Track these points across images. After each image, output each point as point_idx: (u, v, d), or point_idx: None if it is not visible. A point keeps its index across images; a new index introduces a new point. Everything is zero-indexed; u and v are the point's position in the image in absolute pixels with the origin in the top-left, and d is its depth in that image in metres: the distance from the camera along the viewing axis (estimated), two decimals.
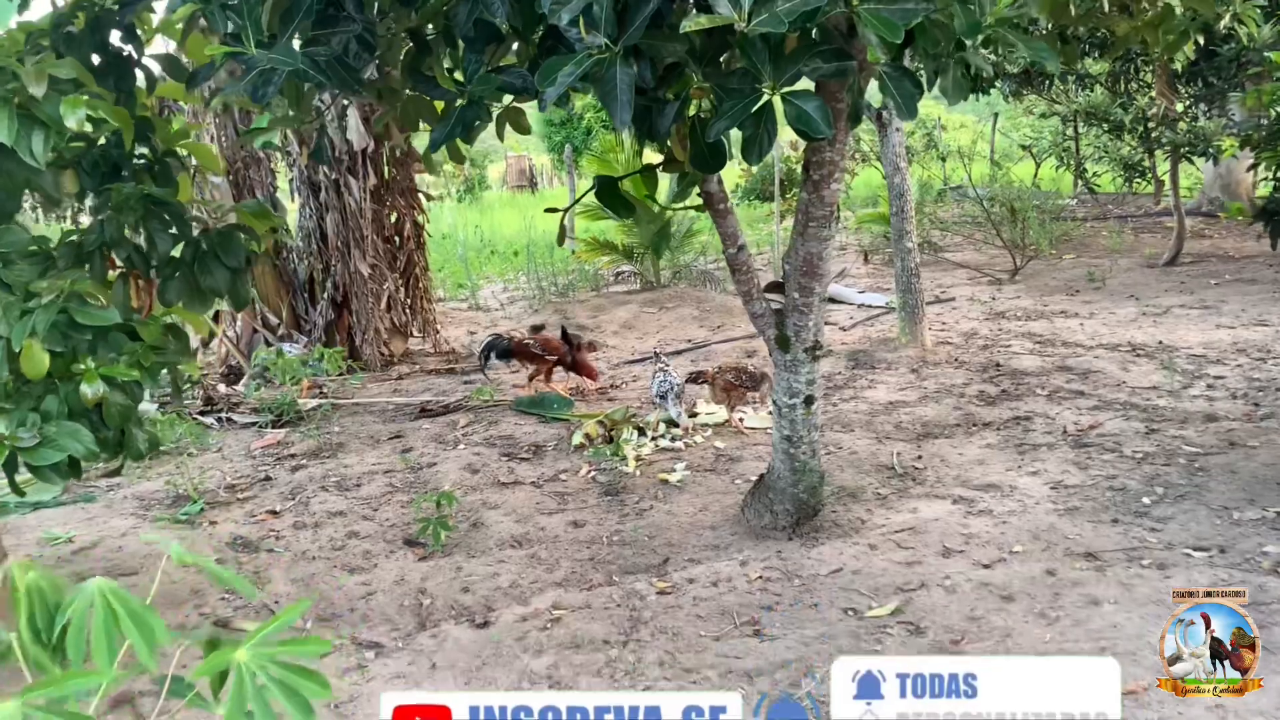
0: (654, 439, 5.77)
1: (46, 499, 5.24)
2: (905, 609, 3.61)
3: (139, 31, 3.55)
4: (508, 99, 3.80)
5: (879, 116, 7.34)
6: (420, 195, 8.89)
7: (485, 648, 3.54)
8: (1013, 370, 6.92)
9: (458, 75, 3.27)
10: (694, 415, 6.16)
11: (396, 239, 8.68)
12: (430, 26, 3.34)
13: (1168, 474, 4.76)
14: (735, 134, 2.84)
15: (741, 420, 5.98)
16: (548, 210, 3.89)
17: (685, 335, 9.28)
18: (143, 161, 3.83)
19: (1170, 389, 6.19)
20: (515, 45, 3.41)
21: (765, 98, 2.59)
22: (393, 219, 8.59)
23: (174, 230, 3.60)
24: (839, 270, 12.17)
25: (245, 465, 5.99)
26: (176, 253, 3.68)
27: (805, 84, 2.87)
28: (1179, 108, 10.44)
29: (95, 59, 3.48)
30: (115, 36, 3.50)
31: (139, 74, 3.68)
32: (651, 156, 4.87)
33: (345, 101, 6.93)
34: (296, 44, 2.78)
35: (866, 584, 3.83)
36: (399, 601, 4.02)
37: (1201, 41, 7.59)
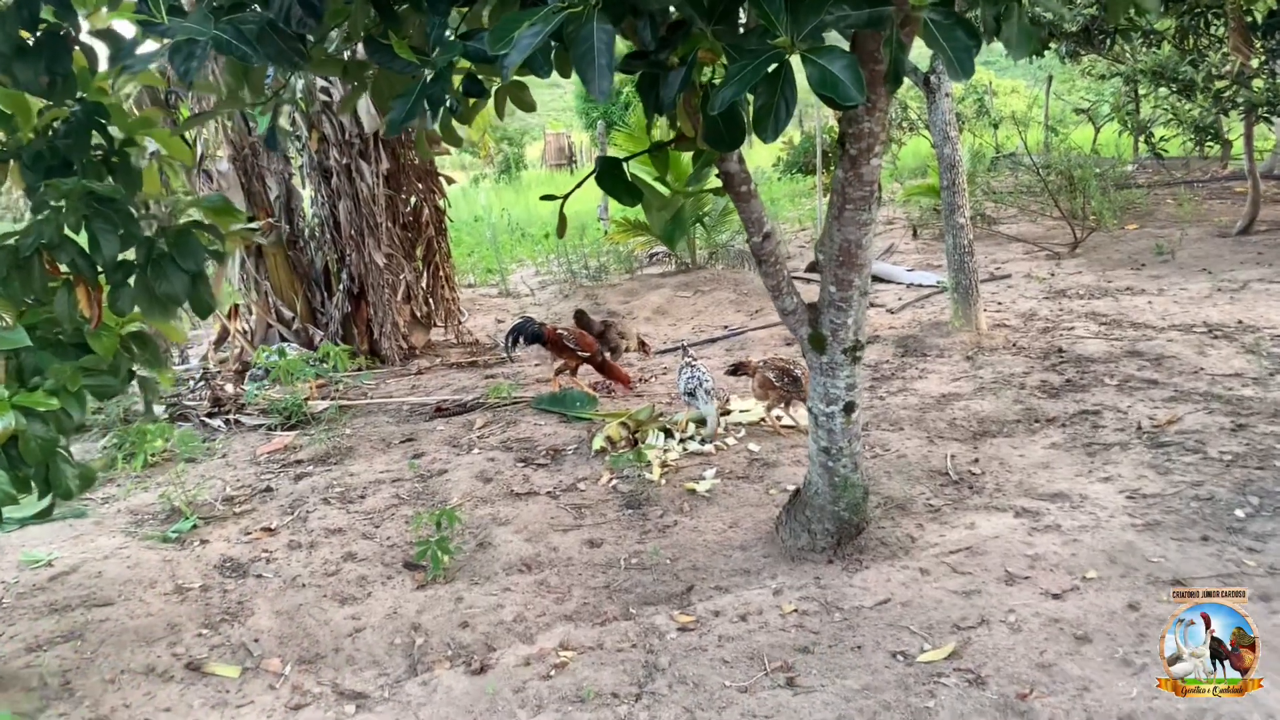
0: (682, 441, 5.29)
1: (32, 514, 4.91)
2: (963, 652, 3.11)
3: (76, 6, 3.12)
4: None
5: (926, 81, 6.74)
6: (440, 178, 8.44)
7: (479, 701, 3.11)
8: (1077, 356, 6.32)
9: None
10: (726, 413, 5.67)
11: (415, 225, 8.23)
12: None
13: (1262, 480, 4.18)
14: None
15: (779, 419, 5.47)
16: (543, 198, 3.42)
17: (721, 321, 8.77)
18: (98, 154, 3.43)
19: (1256, 376, 5.57)
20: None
21: (782, 57, 2.08)
22: (410, 204, 8.15)
23: (123, 231, 3.18)
24: (886, 247, 11.56)
25: (249, 473, 5.62)
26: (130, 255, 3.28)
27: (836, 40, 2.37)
28: (1254, 63, 9.63)
29: (27, 38, 3.07)
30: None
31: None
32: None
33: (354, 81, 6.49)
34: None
35: (918, 619, 3.33)
36: (390, 640, 3.61)
37: None
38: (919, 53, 3.39)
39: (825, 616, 3.41)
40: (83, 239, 3.20)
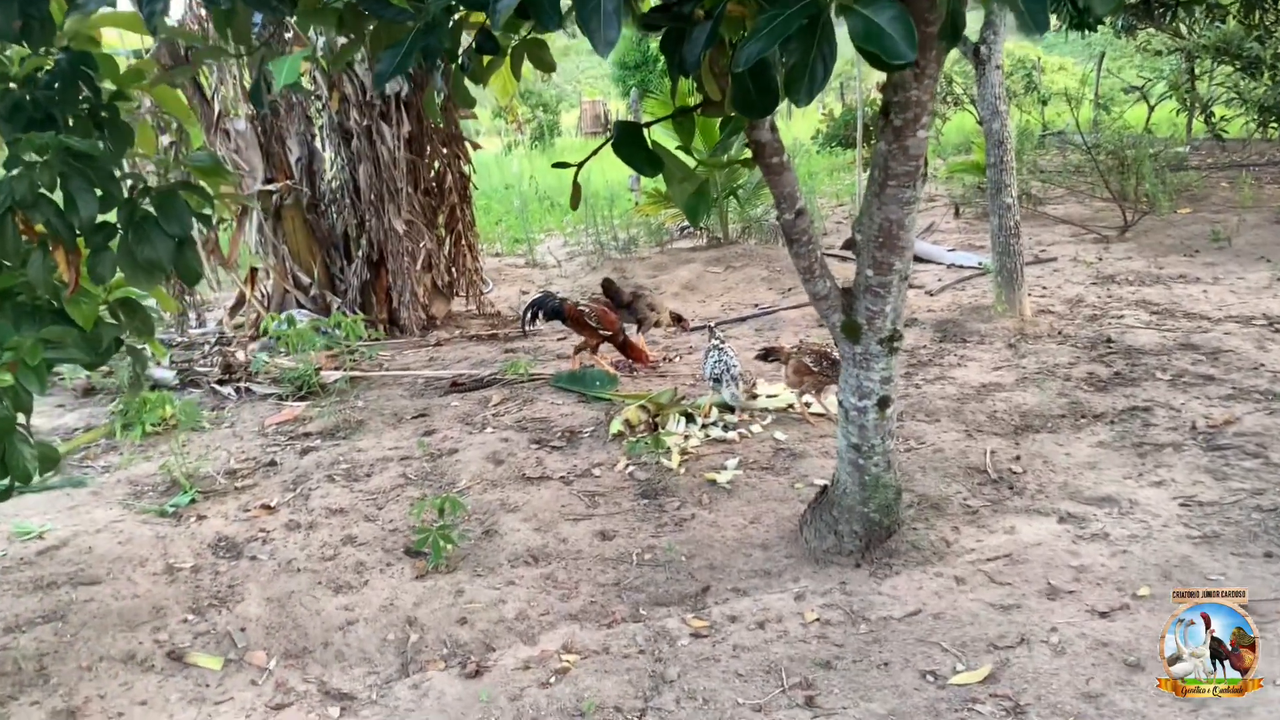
0: (704, 427, 5.02)
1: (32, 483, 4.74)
2: (1000, 675, 2.84)
3: None
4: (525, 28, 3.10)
5: (976, 51, 6.36)
6: (466, 144, 8.17)
7: (471, 708, 2.88)
8: (1126, 347, 5.96)
9: None
10: (753, 398, 5.39)
11: (438, 192, 7.97)
12: None
13: None
14: None
15: (808, 406, 5.18)
16: (555, 165, 3.14)
17: (752, 299, 8.46)
18: (85, 108, 3.20)
19: None
20: None
21: (819, 8, 1.79)
22: (434, 170, 7.89)
23: (102, 191, 2.95)
24: (926, 225, 11.17)
25: (254, 444, 5.43)
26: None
27: None
28: None
29: None
30: None
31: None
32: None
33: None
34: None
35: (951, 635, 3.05)
36: (383, 635, 3.39)
37: None
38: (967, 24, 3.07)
39: (850, 627, 3.15)
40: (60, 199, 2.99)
